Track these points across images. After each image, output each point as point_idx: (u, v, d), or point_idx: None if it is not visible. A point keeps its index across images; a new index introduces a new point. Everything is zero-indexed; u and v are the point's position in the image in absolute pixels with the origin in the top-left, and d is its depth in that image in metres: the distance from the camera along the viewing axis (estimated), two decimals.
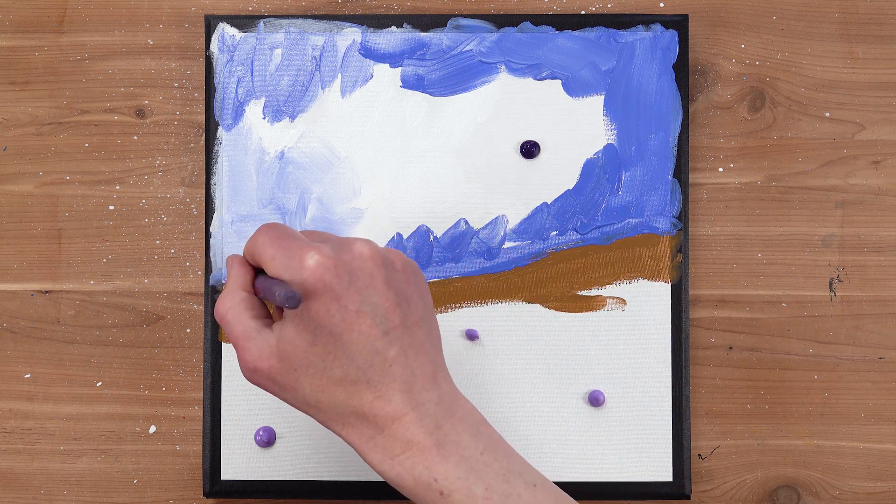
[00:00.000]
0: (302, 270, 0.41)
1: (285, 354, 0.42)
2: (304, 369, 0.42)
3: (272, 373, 0.43)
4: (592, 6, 0.59)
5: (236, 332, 0.43)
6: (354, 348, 0.41)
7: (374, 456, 0.42)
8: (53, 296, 0.59)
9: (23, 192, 0.59)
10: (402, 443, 0.41)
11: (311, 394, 0.42)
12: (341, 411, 0.42)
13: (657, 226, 0.57)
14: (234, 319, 0.44)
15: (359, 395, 0.42)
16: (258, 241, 0.44)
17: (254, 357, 0.43)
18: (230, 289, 0.45)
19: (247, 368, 0.43)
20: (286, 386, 0.43)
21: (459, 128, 0.57)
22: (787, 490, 0.58)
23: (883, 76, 0.59)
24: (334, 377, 0.42)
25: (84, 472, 0.58)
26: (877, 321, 0.58)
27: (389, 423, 0.41)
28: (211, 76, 0.57)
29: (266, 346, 0.43)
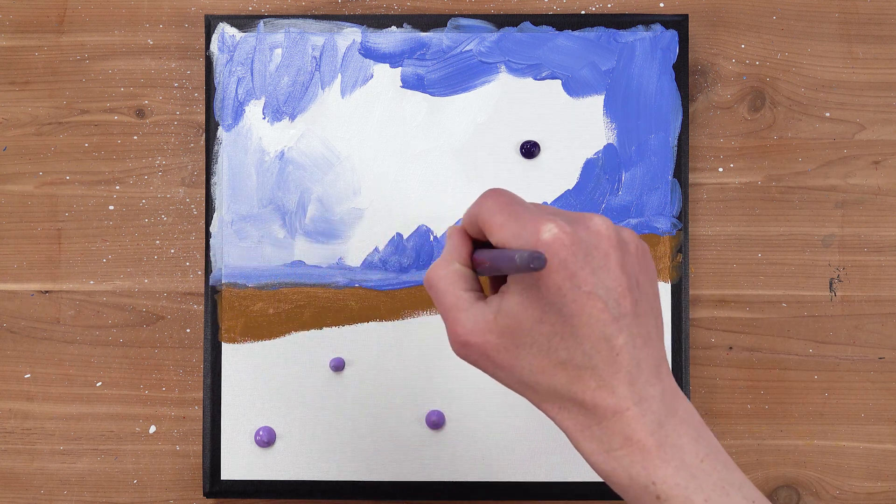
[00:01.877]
0: (536, 242, 0.38)
1: (507, 330, 0.39)
2: (527, 347, 0.39)
3: (487, 348, 0.40)
4: (592, 6, 0.59)
5: (447, 303, 0.41)
6: (583, 331, 0.38)
7: (588, 446, 0.39)
8: (53, 296, 0.59)
9: (23, 192, 0.59)
10: (622, 438, 0.38)
11: (530, 374, 0.39)
12: (560, 395, 0.39)
13: (657, 226, 0.57)
14: (446, 289, 0.41)
15: (581, 382, 0.39)
16: (485, 205, 0.41)
17: (467, 330, 0.40)
18: (445, 258, 0.42)
19: (457, 342, 0.40)
20: (502, 363, 0.40)
21: (459, 128, 0.57)
22: (787, 490, 0.58)
23: (883, 76, 0.59)
24: (558, 359, 0.39)
25: (84, 472, 0.58)
26: (877, 321, 0.58)
27: (610, 416, 0.38)
28: (211, 76, 0.57)
29: (482, 319, 0.40)
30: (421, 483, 0.56)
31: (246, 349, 0.57)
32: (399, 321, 0.57)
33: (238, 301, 0.57)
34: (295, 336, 0.57)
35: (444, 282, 0.41)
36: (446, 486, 0.56)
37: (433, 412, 0.56)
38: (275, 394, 0.57)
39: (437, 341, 0.57)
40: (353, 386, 0.57)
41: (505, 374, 0.40)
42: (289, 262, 0.57)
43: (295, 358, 0.57)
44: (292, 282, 0.57)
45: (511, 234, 0.39)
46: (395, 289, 0.57)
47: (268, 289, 0.57)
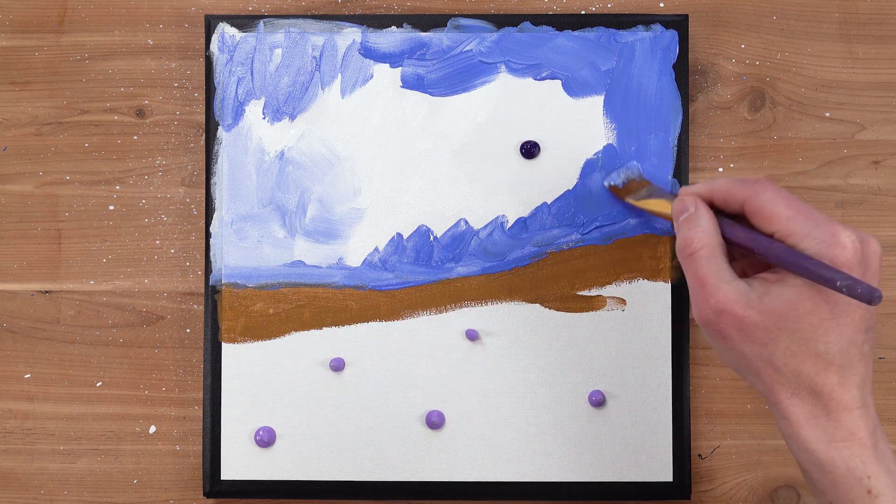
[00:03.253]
0: (836, 247, 0.42)
1: (775, 312, 0.43)
2: (791, 332, 0.43)
3: (746, 322, 0.43)
4: (592, 6, 0.59)
5: (708, 271, 0.44)
6: (844, 332, 0.43)
7: (813, 433, 0.43)
8: (53, 296, 0.59)
9: (23, 192, 0.59)
10: (846, 432, 0.43)
11: (782, 355, 0.43)
12: (800, 382, 0.43)
13: (657, 226, 0.57)
14: (709, 257, 0.44)
15: (825, 374, 0.43)
16: (764, 193, 0.45)
17: (729, 300, 0.43)
18: (706, 227, 0.45)
19: (713, 308, 0.43)
20: (756, 338, 0.43)
21: (459, 128, 0.57)
22: (787, 490, 0.58)
23: (883, 76, 0.59)
24: (815, 350, 0.43)
25: (84, 472, 0.58)
26: (877, 321, 0.58)
27: (840, 410, 0.43)
28: (211, 76, 0.57)
29: (745, 295, 0.43)
30: (421, 483, 0.56)
31: (246, 349, 0.57)
32: (399, 321, 0.57)
33: (238, 301, 0.57)
34: (295, 336, 0.57)
35: (707, 250, 0.45)
36: (446, 486, 0.56)
37: (433, 412, 0.56)
38: (275, 394, 0.57)
39: (438, 341, 0.57)
40: (353, 386, 0.57)
41: (752, 348, 0.43)
42: (289, 262, 0.57)
43: (295, 358, 0.57)
44: (292, 282, 0.57)
45: (801, 230, 0.43)
46: (395, 289, 0.57)
47: (268, 289, 0.57)
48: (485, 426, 0.57)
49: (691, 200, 0.47)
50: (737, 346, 0.44)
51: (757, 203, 0.45)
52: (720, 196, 0.47)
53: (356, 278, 0.57)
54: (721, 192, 0.47)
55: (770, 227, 0.44)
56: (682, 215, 0.47)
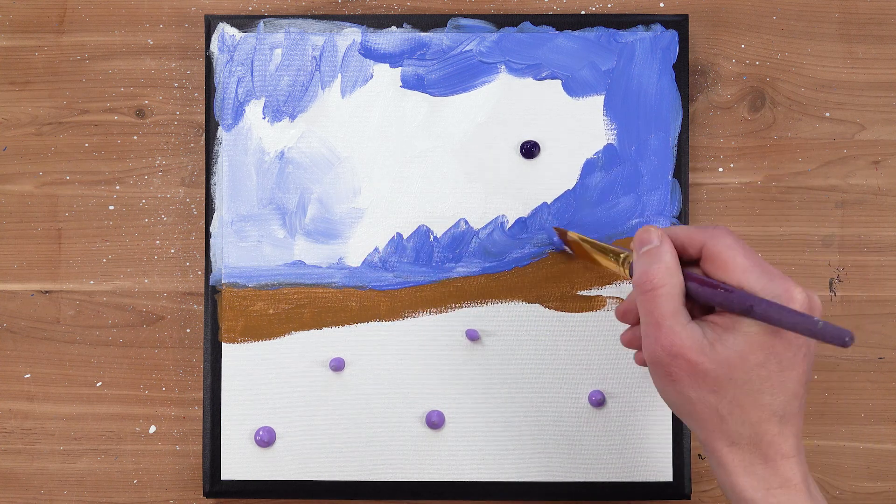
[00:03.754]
0: (790, 301, 0.42)
1: (727, 362, 0.43)
2: (740, 383, 0.43)
3: (698, 369, 0.43)
4: (592, 6, 0.59)
5: (665, 311, 0.44)
6: (788, 385, 0.43)
7: (749, 482, 0.44)
8: (53, 296, 0.59)
9: (23, 192, 0.59)
10: (782, 479, 0.43)
11: (727, 405, 0.43)
12: (741, 431, 0.43)
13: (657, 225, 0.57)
14: (669, 296, 0.44)
15: (768, 424, 0.43)
16: (723, 240, 0.44)
17: (685, 345, 0.43)
18: (670, 265, 0.45)
19: (667, 350, 0.43)
20: (705, 385, 0.43)
21: (459, 128, 0.57)
22: None
23: (883, 76, 0.59)
24: (761, 401, 0.43)
25: (84, 472, 0.58)
26: (877, 321, 0.58)
27: (778, 458, 0.43)
28: (211, 76, 0.57)
29: (699, 341, 0.43)
30: (421, 483, 0.56)
31: (246, 349, 0.57)
32: (399, 321, 0.57)
33: (238, 301, 0.57)
34: (295, 336, 0.57)
35: (668, 289, 0.44)
36: (446, 486, 0.56)
37: (433, 412, 0.56)
38: (275, 394, 0.57)
39: (438, 341, 0.57)
40: (353, 386, 0.57)
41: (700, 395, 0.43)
42: (289, 262, 0.57)
43: (295, 358, 0.57)
44: (292, 282, 0.57)
45: (756, 283, 0.43)
46: (395, 289, 0.57)
47: (268, 289, 0.57)
48: (485, 426, 0.57)
49: (657, 234, 0.46)
50: (685, 391, 0.44)
51: (715, 249, 0.44)
52: (678, 240, 0.46)
53: (356, 278, 0.57)
54: (679, 237, 0.46)
55: (724, 276, 0.44)
56: (645, 247, 0.46)
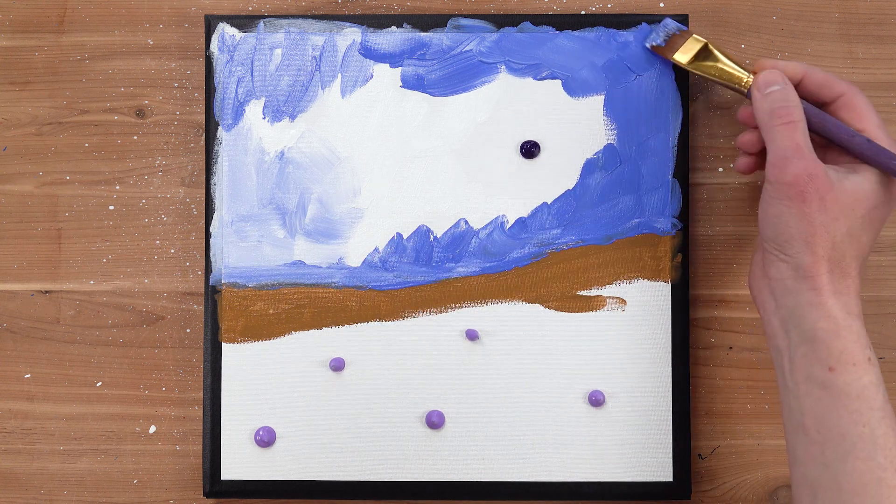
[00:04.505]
0: None
1: (854, 194, 0.48)
2: (857, 217, 0.48)
3: (829, 193, 0.48)
4: (592, 6, 0.59)
5: (805, 141, 0.49)
6: (877, 232, 0.49)
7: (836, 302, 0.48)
8: (53, 296, 0.59)
9: (23, 192, 0.59)
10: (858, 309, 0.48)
11: (842, 233, 0.48)
12: (841, 260, 0.48)
13: (657, 226, 0.57)
14: (804, 130, 0.49)
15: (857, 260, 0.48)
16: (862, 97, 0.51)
17: (822, 169, 0.48)
18: (798, 104, 0.50)
19: (806, 171, 0.48)
20: (831, 211, 0.48)
21: (459, 128, 0.57)
22: (787, 490, 0.58)
23: (883, 76, 0.59)
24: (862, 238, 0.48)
25: (84, 472, 0.58)
26: (877, 321, 0.58)
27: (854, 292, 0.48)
28: (211, 76, 0.57)
29: (832, 171, 0.48)
30: (421, 483, 0.56)
31: (246, 349, 0.57)
32: (399, 321, 0.57)
33: (238, 301, 0.57)
34: (295, 336, 0.57)
35: (803, 124, 0.49)
36: (446, 486, 0.56)
37: (433, 412, 0.56)
38: (275, 394, 0.57)
39: (438, 341, 0.57)
40: (353, 386, 0.57)
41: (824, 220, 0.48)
42: (289, 262, 0.57)
43: (295, 358, 0.57)
44: (292, 282, 0.57)
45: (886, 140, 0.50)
46: (395, 289, 0.57)
47: (268, 289, 0.57)
48: (485, 426, 0.57)
49: (780, 77, 0.51)
50: (811, 213, 0.48)
51: (854, 101, 0.51)
52: (815, 80, 0.51)
53: (356, 278, 0.57)
54: (817, 79, 0.51)
55: (860, 125, 0.50)
56: (771, 87, 0.50)
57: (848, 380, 0.46)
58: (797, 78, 0.52)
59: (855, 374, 0.46)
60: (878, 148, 0.49)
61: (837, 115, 0.51)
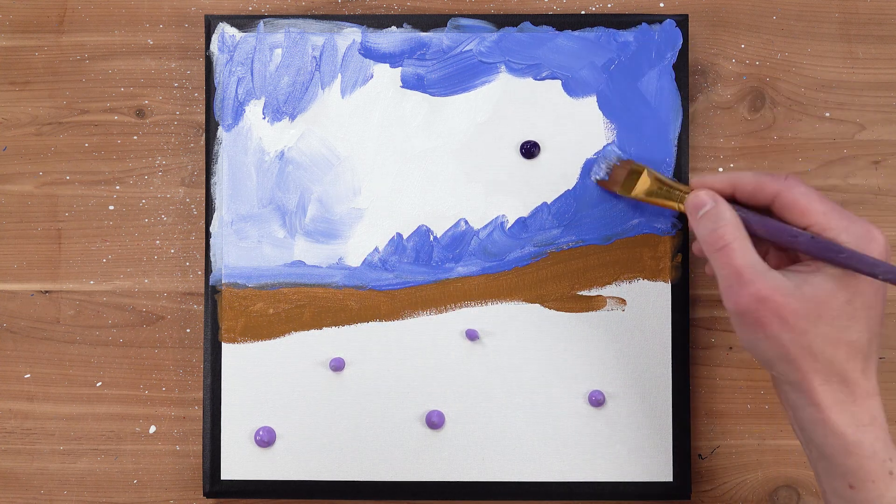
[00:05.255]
0: (872, 242, 0.45)
1: (815, 299, 0.45)
2: (829, 320, 0.45)
3: (787, 310, 0.45)
4: (592, 6, 0.59)
5: (743, 262, 0.46)
6: (871, 323, 0.45)
7: (842, 418, 0.45)
8: (53, 296, 0.59)
9: (23, 192, 0.59)
10: (870, 417, 0.45)
11: (820, 343, 0.45)
12: (832, 369, 0.45)
13: (657, 226, 0.57)
14: (743, 249, 0.46)
15: (854, 362, 0.45)
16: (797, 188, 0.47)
17: (769, 287, 0.45)
18: (732, 220, 0.47)
19: (753, 296, 0.45)
20: (796, 326, 0.45)
21: (459, 128, 0.57)
22: (787, 490, 0.58)
23: (883, 76, 0.59)
24: (849, 338, 0.45)
25: (84, 472, 0.58)
26: None
27: (864, 397, 0.45)
28: (211, 76, 0.57)
29: (784, 284, 0.45)
30: (421, 483, 0.56)
31: (246, 349, 0.57)
32: (399, 321, 0.57)
33: (238, 301, 0.57)
34: (295, 336, 0.57)
35: (739, 243, 0.46)
36: (446, 486, 0.56)
37: (433, 412, 0.56)
38: (275, 394, 0.57)
39: (437, 341, 0.57)
40: (353, 386, 0.57)
41: (790, 336, 0.45)
42: (289, 262, 0.57)
43: (295, 358, 0.57)
44: (292, 282, 0.57)
45: (838, 225, 0.46)
46: (395, 289, 0.57)
47: (268, 289, 0.57)
48: (485, 426, 0.57)
49: (709, 196, 0.48)
50: (775, 334, 0.45)
51: (791, 197, 0.47)
52: (746, 188, 0.48)
53: (356, 278, 0.57)
54: (748, 185, 0.48)
55: (805, 221, 0.46)
56: (701, 210, 0.48)
57: (869, 497, 0.44)
58: (728, 191, 0.49)
59: (876, 491, 0.44)
60: (823, 244, 0.46)
61: (781, 214, 0.47)
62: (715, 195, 0.48)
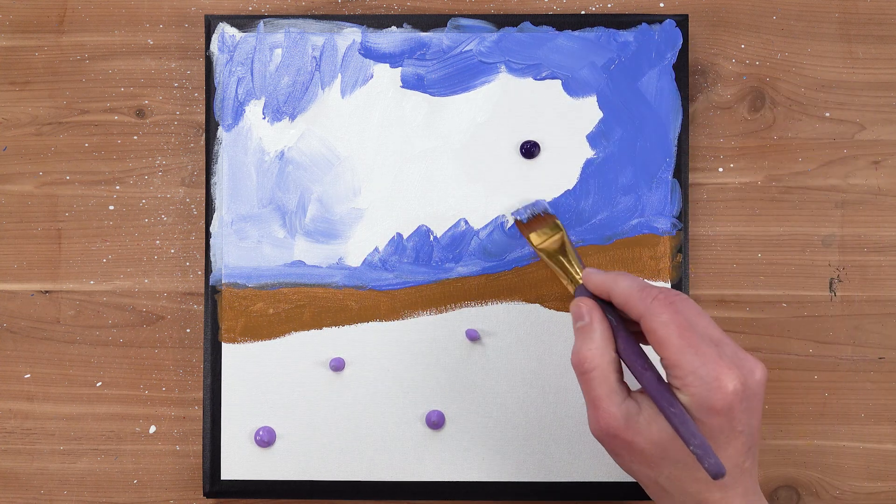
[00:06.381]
0: (717, 391, 0.43)
1: (660, 443, 0.45)
2: (674, 461, 0.45)
3: (634, 448, 0.45)
4: (592, 6, 0.59)
5: (600, 393, 0.45)
6: (728, 459, 0.44)
7: None
8: (53, 296, 0.59)
9: (23, 192, 0.59)
10: None
11: (668, 481, 0.45)
12: (685, 499, 0.45)
13: (657, 226, 0.57)
14: (602, 378, 0.46)
15: (709, 493, 0.45)
16: (661, 316, 0.45)
17: (619, 425, 0.45)
18: (599, 344, 0.46)
19: (603, 431, 0.45)
20: (643, 463, 0.45)
21: (459, 128, 0.57)
22: (787, 490, 0.58)
23: (883, 76, 0.59)
24: (698, 476, 0.45)
25: (84, 472, 0.58)
26: (877, 321, 0.58)
27: None
28: (211, 76, 0.57)
29: (633, 420, 0.45)
30: (421, 483, 0.56)
31: (246, 349, 0.57)
32: (399, 321, 0.57)
33: (238, 301, 0.57)
34: (295, 336, 0.57)
35: (600, 371, 0.46)
36: (446, 486, 0.56)
37: (433, 412, 0.56)
38: (275, 394, 0.57)
39: (438, 341, 0.57)
40: (353, 386, 0.57)
41: (640, 469, 0.46)
42: (289, 262, 0.57)
43: (295, 358, 0.57)
44: (292, 282, 0.57)
45: (688, 365, 0.44)
46: (395, 289, 0.57)
47: (268, 289, 0.57)
48: (485, 426, 0.57)
49: (587, 309, 0.47)
50: (626, 464, 0.46)
51: (651, 325, 0.45)
52: (618, 301, 0.47)
53: (356, 278, 0.57)
54: (619, 298, 0.47)
55: (659, 352, 0.45)
56: (578, 322, 0.48)
57: None
58: (606, 296, 0.48)
59: None
60: (660, 392, 0.44)
61: (647, 336, 0.46)
62: (592, 308, 0.47)
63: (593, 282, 0.48)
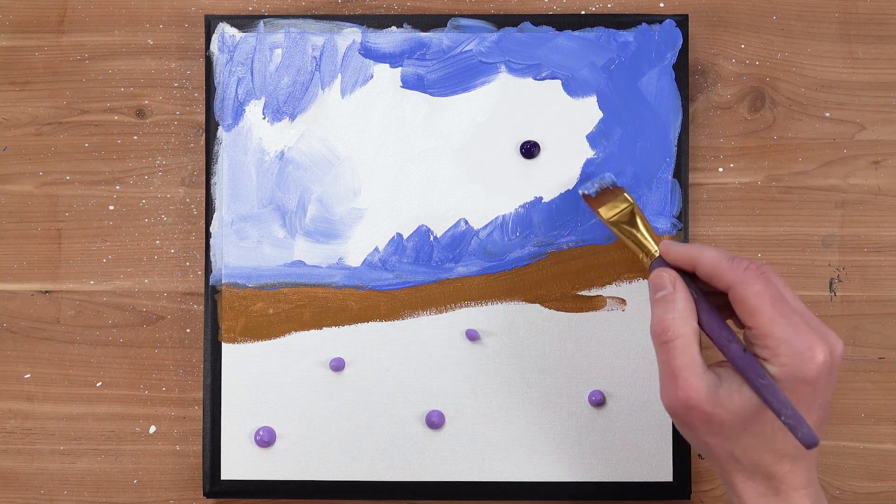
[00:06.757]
0: (809, 361, 0.43)
1: (742, 413, 0.44)
2: (754, 433, 0.44)
3: (714, 419, 0.44)
4: (592, 6, 0.59)
5: (681, 363, 0.45)
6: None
7: None
8: (53, 296, 0.59)
9: (23, 192, 0.59)
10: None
11: (743, 451, 0.45)
12: (755, 470, 0.45)
13: (657, 226, 0.57)
14: (684, 348, 0.45)
15: (780, 464, 0.45)
16: (753, 287, 0.44)
17: (700, 397, 0.44)
18: (682, 313, 0.46)
19: (682, 402, 0.45)
20: (721, 433, 0.45)
21: (459, 128, 0.57)
22: None
23: (883, 76, 0.59)
24: (774, 447, 0.45)
25: (84, 472, 0.58)
26: (877, 321, 0.58)
27: (789, 491, 0.45)
28: (211, 76, 0.57)
29: (714, 392, 0.44)
30: (421, 483, 0.56)
31: (246, 349, 0.57)
32: (399, 321, 0.57)
33: (238, 301, 0.57)
34: (295, 336, 0.57)
35: (683, 341, 0.45)
36: (446, 486, 0.56)
37: (433, 412, 0.56)
38: (275, 394, 0.57)
39: (437, 341, 0.57)
40: (353, 386, 0.57)
41: (716, 440, 0.45)
42: (289, 262, 0.57)
43: (295, 358, 0.57)
44: (292, 282, 0.57)
45: (781, 334, 0.43)
46: (395, 289, 0.57)
47: (268, 289, 0.57)
48: (485, 426, 0.57)
49: (669, 279, 0.47)
50: (701, 437, 0.46)
51: (743, 293, 0.44)
52: (705, 270, 0.46)
53: (356, 278, 0.57)
54: (707, 269, 0.46)
55: (750, 322, 0.44)
56: (659, 292, 0.47)
57: None
58: (689, 267, 0.47)
59: None
60: (748, 362, 0.44)
61: (734, 306, 0.45)
62: (676, 278, 0.47)
63: (674, 252, 0.48)
